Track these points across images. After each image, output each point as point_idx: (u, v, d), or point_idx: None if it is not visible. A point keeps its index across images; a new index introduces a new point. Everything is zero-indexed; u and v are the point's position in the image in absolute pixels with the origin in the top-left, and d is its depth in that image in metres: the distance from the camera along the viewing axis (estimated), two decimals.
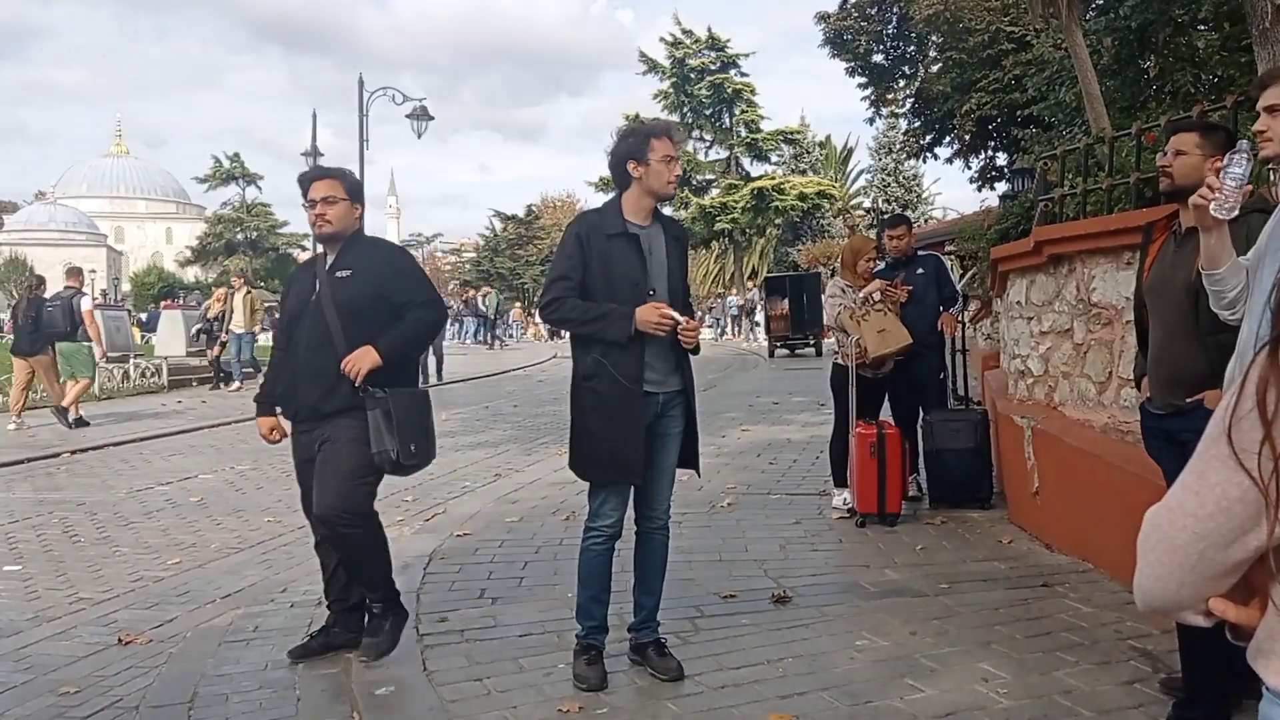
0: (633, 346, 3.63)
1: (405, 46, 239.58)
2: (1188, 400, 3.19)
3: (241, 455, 10.28)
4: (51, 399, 12.75)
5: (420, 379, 17.15)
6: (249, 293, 17.48)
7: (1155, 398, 3.41)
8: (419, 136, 22.50)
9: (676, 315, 3.62)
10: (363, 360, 3.91)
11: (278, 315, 4.77)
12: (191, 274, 76.80)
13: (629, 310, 3.59)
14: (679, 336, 3.68)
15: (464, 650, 4.16)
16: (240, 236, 73.27)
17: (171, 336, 21.03)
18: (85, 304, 12.77)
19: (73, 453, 10.68)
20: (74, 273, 13.26)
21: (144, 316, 37.96)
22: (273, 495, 8.14)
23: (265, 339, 16.91)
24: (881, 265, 6.97)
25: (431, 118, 22.28)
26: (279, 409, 4.37)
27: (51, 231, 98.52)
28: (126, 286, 78.89)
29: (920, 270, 6.82)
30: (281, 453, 10.51)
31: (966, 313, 9.53)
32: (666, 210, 4.01)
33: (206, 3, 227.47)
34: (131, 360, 17.83)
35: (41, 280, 13.94)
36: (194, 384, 18.23)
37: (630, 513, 3.90)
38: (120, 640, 4.66)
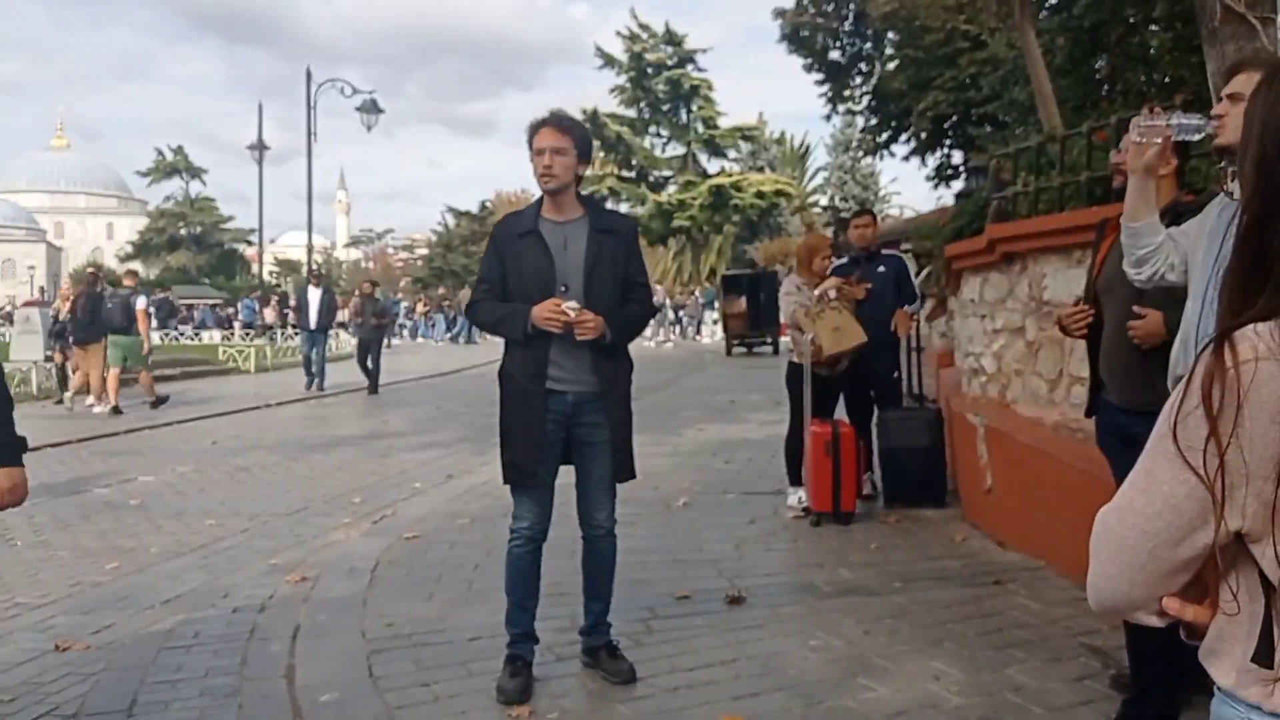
0: (535, 345, 3.60)
1: (348, 38, 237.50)
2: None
3: (183, 457, 10.07)
4: (74, 385, 14.32)
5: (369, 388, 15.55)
6: None
7: (1110, 392, 3.41)
8: (369, 130, 22.35)
9: (569, 309, 3.52)
10: None
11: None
12: (134, 269, 75.37)
13: (527, 308, 3.57)
14: (575, 332, 3.54)
15: (412, 655, 4.08)
16: (184, 232, 71.99)
17: None
18: (141, 302, 14.20)
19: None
20: (132, 274, 15.47)
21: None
22: (214, 498, 7.96)
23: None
24: (844, 260, 6.98)
25: (382, 111, 22.14)
26: None
27: None
28: (66, 283, 77.34)
29: (881, 268, 6.83)
30: (225, 455, 10.38)
31: (923, 311, 9.56)
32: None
33: None
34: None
35: (98, 277, 14.71)
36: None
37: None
38: (57, 646, 4.49)
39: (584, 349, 3.60)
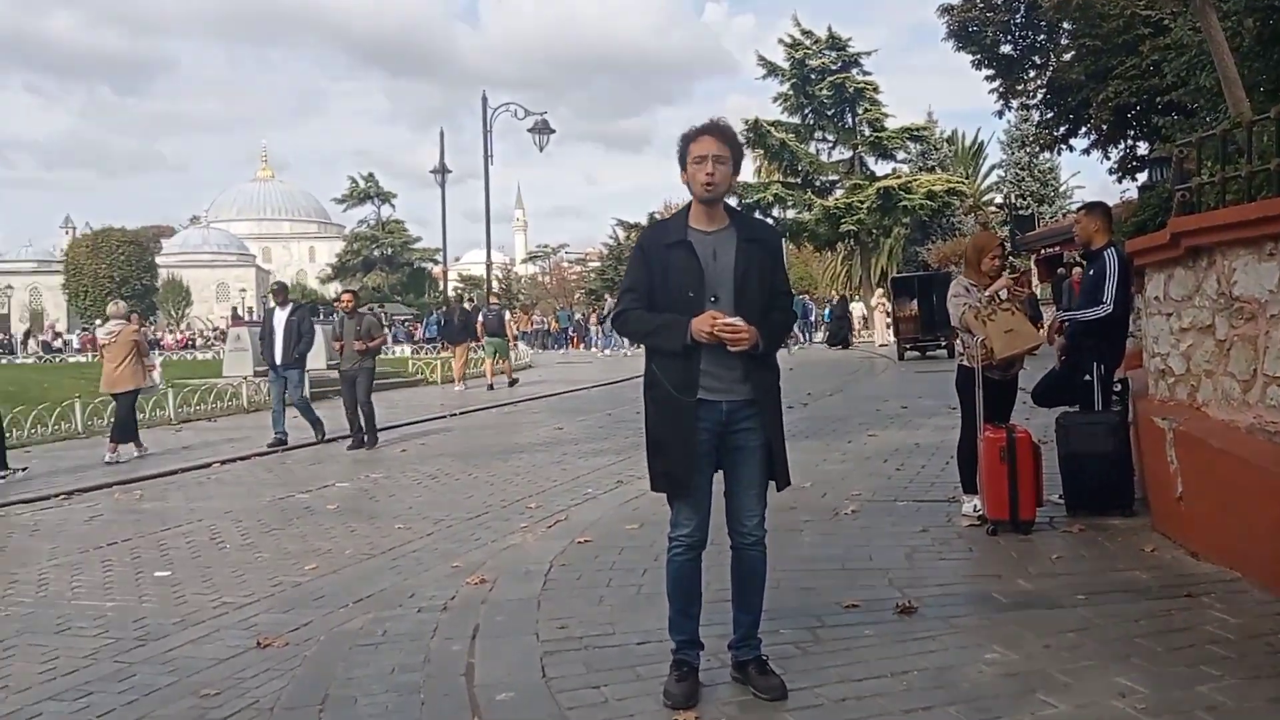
0: (688, 355, 3.60)
1: (500, 65, 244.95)
2: None
3: (375, 464, 10.65)
4: (457, 374, 20.93)
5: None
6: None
7: None
8: (541, 150, 23.01)
9: (731, 321, 3.51)
10: None
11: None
12: (333, 290, 80.00)
13: (685, 320, 3.56)
14: (727, 342, 3.53)
15: (583, 658, 4.18)
16: (376, 253, 76.14)
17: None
18: (507, 315, 21.65)
19: (222, 463, 11.25)
20: (496, 295, 20.89)
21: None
22: (404, 503, 8.38)
23: None
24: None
25: (553, 130, 22.74)
26: None
27: (205, 253, 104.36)
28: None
29: (1091, 270, 6.60)
30: (414, 462, 10.91)
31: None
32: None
33: (309, 33, 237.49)
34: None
35: (460, 296, 21.93)
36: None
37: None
38: (259, 644, 4.85)
39: (736, 358, 3.60)
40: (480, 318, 21.66)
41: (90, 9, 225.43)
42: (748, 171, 49.39)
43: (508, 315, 22.15)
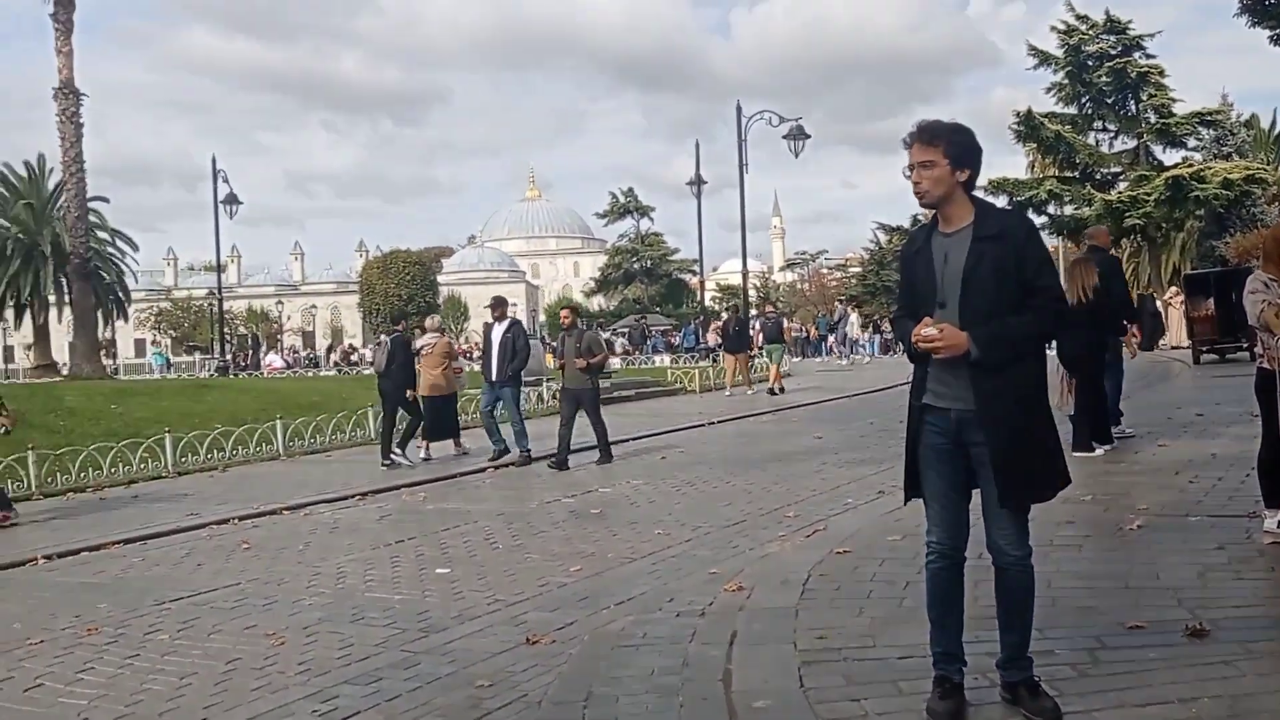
0: (917, 361, 3.59)
1: (751, 74, 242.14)
2: None
3: (636, 472, 10.94)
4: (728, 381, 21.76)
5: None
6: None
7: None
8: (796, 156, 22.95)
9: (924, 332, 3.43)
10: None
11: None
12: (596, 303, 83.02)
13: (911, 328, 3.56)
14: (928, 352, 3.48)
15: (842, 669, 4.10)
16: (636, 265, 78.44)
17: None
18: (784, 323, 23.51)
19: (495, 468, 11.91)
20: (770, 303, 22.94)
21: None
22: (664, 509, 8.55)
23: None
24: None
25: (808, 135, 22.62)
26: None
27: (479, 271, 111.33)
28: (542, 317, 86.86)
29: None
30: (673, 469, 11.12)
31: None
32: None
33: (568, 56, 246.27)
34: (544, 383, 19.53)
35: (736, 307, 24.51)
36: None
37: None
38: (528, 640, 5.09)
39: (961, 365, 3.45)
40: (758, 324, 23.32)
41: (372, 50, 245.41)
42: (1019, 167, 47.04)
43: (785, 323, 24.08)
